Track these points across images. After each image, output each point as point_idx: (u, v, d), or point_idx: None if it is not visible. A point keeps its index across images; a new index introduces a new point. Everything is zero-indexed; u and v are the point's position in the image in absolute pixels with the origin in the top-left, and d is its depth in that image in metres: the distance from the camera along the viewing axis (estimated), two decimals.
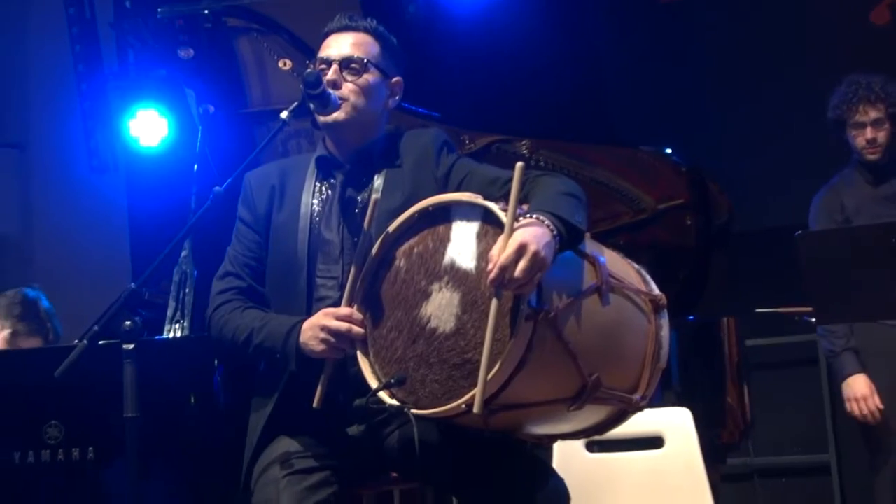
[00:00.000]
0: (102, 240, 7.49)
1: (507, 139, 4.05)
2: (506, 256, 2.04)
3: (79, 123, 7.06)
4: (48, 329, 3.68)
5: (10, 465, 2.76)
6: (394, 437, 2.43)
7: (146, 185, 6.88)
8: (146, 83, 6.23)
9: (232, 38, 3.84)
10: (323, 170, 2.58)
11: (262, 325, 2.42)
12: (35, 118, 7.93)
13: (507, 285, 2.05)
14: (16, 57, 8.03)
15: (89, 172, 7.13)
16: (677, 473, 3.16)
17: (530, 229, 2.09)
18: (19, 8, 8.09)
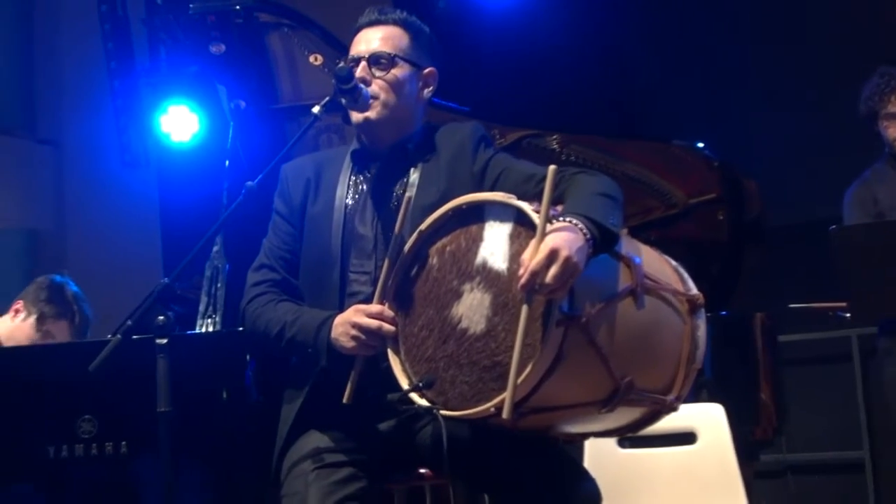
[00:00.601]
0: (134, 235, 7.54)
1: (537, 133, 4.04)
2: (537, 262, 2.02)
3: (111, 120, 7.10)
4: (74, 311, 3.67)
5: (44, 459, 2.77)
6: (425, 432, 2.43)
7: (177, 180, 6.93)
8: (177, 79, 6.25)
9: (263, 33, 3.84)
10: (358, 163, 2.57)
11: (294, 319, 2.42)
12: (68, 115, 7.98)
13: (538, 291, 2.04)
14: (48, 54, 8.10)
15: (121, 168, 7.17)
16: (710, 469, 3.14)
17: (562, 234, 2.07)
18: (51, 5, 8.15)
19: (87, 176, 7.77)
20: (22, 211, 7.87)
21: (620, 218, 2.23)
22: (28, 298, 3.65)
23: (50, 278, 3.72)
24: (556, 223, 2.10)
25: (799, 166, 5.24)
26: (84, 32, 7.41)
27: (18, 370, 2.89)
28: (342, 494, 2.31)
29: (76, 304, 3.69)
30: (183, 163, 6.51)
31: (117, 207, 7.56)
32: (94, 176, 7.68)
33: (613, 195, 2.26)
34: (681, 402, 2.36)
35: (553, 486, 2.28)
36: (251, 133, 3.68)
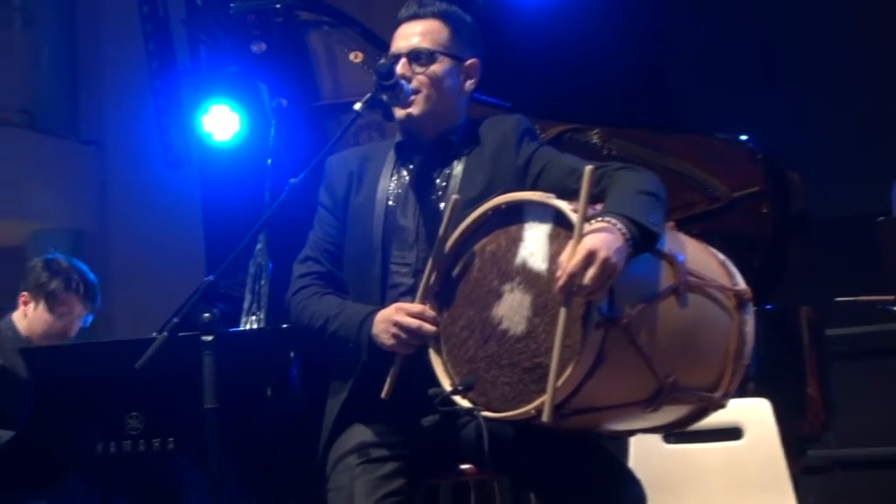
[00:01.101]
0: (177, 233, 7.62)
1: (578, 128, 4.02)
2: (574, 264, 2.01)
3: (153, 120, 7.19)
4: (76, 280, 3.66)
5: (92, 456, 2.81)
6: (469, 428, 2.42)
7: (219, 179, 6.98)
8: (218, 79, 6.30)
9: (303, 31, 3.86)
10: (401, 156, 2.57)
11: (337, 313, 2.44)
12: (110, 116, 8.09)
13: (577, 293, 2.02)
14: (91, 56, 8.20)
15: (163, 168, 7.26)
16: (757, 465, 3.11)
17: (600, 234, 2.04)
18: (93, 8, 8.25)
19: (130, 176, 7.87)
20: (66, 211, 7.98)
21: (662, 216, 2.19)
22: (30, 286, 3.67)
23: (41, 259, 3.73)
24: (594, 223, 2.08)
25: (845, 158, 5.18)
26: (125, 34, 7.50)
27: (67, 368, 2.94)
28: (387, 489, 2.33)
29: (75, 273, 3.69)
30: (224, 162, 6.56)
31: (160, 207, 7.64)
32: (137, 176, 7.78)
33: (655, 192, 2.23)
34: (729, 399, 2.33)
35: (598, 488, 2.27)
36: (292, 131, 3.69)
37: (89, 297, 3.70)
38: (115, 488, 2.85)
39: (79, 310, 3.67)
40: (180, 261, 7.51)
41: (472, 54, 2.58)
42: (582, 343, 2.03)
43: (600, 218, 2.10)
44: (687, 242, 2.35)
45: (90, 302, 3.70)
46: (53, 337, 3.65)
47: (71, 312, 3.65)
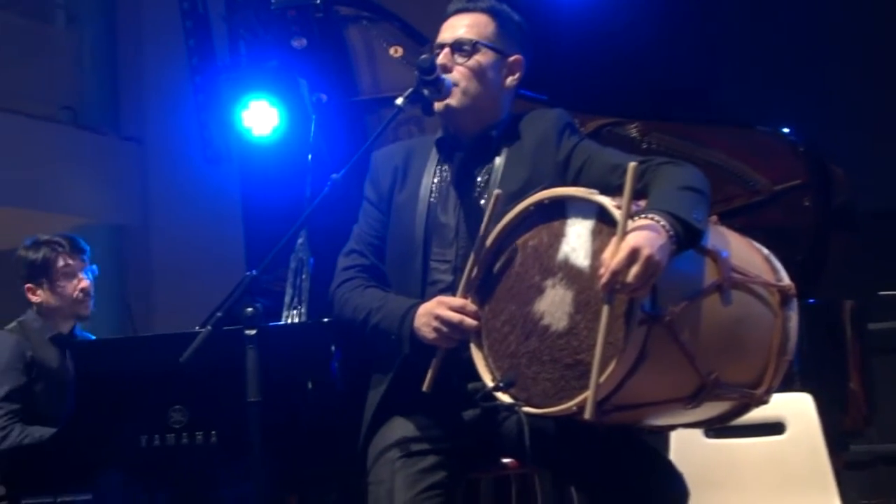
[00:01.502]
0: (217, 228, 7.67)
1: (617, 122, 4.00)
2: (617, 261, 2.00)
3: (193, 116, 7.25)
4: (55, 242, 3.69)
5: (137, 449, 2.84)
6: (510, 422, 2.43)
7: (259, 174, 7.02)
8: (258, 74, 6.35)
9: (342, 26, 3.87)
10: (443, 152, 2.58)
11: (379, 306, 2.45)
12: (151, 112, 8.16)
13: (620, 291, 2.02)
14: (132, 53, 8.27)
15: (203, 163, 7.32)
16: (799, 460, 3.09)
17: (644, 232, 2.03)
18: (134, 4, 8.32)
19: (171, 171, 7.93)
20: (108, 206, 8.06)
21: (706, 212, 2.18)
22: (25, 276, 3.67)
23: (21, 247, 3.74)
24: (637, 220, 2.07)
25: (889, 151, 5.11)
26: (166, 31, 7.56)
27: (112, 362, 2.97)
28: (428, 483, 2.33)
29: (51, 239, 3.69)
30: (264, 157, 6.60)
31: (200, 202, 7.70)
32: (177, 171, 7.84)
33: (699, 188, 2.22)
34: (771, 395, 2.32)
35: (641, 483, 2.26)
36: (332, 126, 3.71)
37: (76, 247, 3.71)
38: (158, 481, 2.88)
39: (77, 263, 3.69)
40: (220, 255, 7.57)
41: (517, 51, 2.57)
42: (625, 340, 2.02)
43: (644, 215, 2.09)
44: (731, 237, 2.34)
45: (80, 251, 3.72)
46: (73, 302, 3.66)
47: (72, 268, 3.67)
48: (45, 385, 3.52)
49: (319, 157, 3.40)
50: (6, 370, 3.47)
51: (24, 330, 3.62)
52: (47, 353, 3.58)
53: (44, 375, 3.53)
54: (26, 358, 3.50)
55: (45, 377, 3.53)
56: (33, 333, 3.61)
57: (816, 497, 3.05)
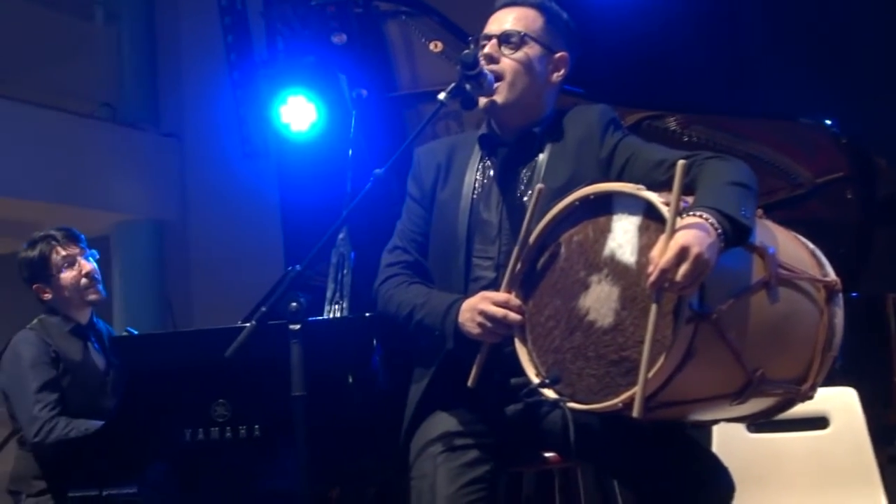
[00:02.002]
0: (255, 222, 7.72)
1: (657, 115, 3.98)
2: (666, 260, 1.99)
3: (231, 111, 7.29)
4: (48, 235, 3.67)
5: (181, 442, 2.86)
6: (553, 416, 2.43)
7: (296, 168, 7.04)
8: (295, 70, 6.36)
9: (380, 22, 3.88)
10: (486, 148, 2.57)
11: (423, 302, 2.46)
12: (190, 108, 8.22)
13: (668, 289, 2.01)
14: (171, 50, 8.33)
15: (242, 158, 7.36)
16: (843, 455, 3.06)
17: (693, 231, 2.02)
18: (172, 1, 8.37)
19: (210, 166, 7.99)
20: (148, 201, 8.13)
21: (754, 208, 2.16)
22: (29, 277, 3.66)
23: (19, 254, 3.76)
24: (686, 218, 2.06)
25: None
26: (204, 27, 7.61)
27: (156, 357, 2.99)
28: (470, 477, 2.33)
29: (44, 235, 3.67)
30: (302, 152, 6.62)
31: (239, 196, 7.75)
32: (216, 166, 7.90)
33: (747, 183, 2.20)
34: (816, 390, 2.31)
35: (686, 477, 2.25)
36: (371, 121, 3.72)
37: (71, 236, 3.70)
38: (202, 474, 2.90)
39: (73, 250, 3.68)
40: (258, 249, 7.62)
41: (564, 48, 2.56)
42: (672, 338, 2.01)
43: (692, 212, 2.08)
44: (777, 233, 2.32)
45: (75, 239, 3.71)
46: (83, 289, 3.66)
47: (71, 256, 3.67)
48: (72, 378, 3.56)
49: (359, 153, 3.41)
50: (34, 365, 3.50)
51: (45, 326, 3.66)
52: (70, 347, 3.61)
53: (70, 369, 3.56)
54: (50, 353, 3.54)
55: (71, 370, 3.56)
56: (53, 329, 3.64)
57: (860, 492, 3.02)
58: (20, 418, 3.46)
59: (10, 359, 3.55)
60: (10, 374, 3.53)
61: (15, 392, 3.50)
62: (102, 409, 3.49)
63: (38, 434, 3.38)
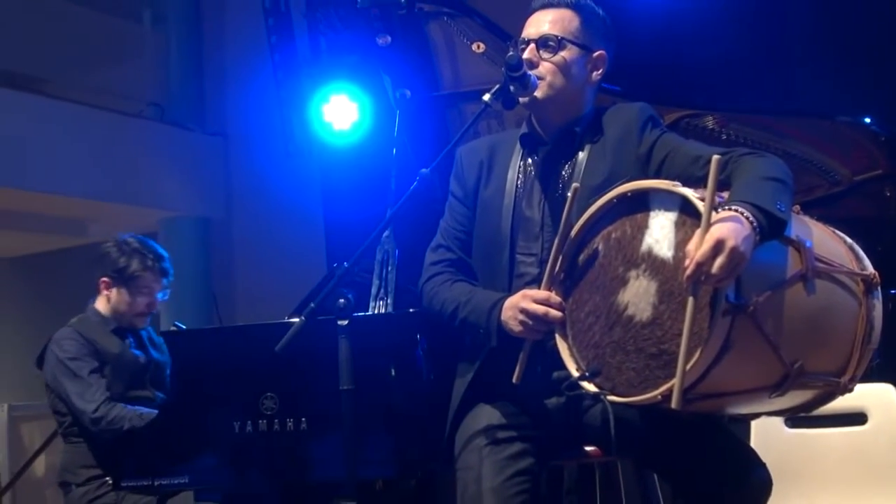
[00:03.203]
0: (298, 220, 7.77)
1: (696, 114, 3.96)
2: (702, 253, 2.00)
3: (275, 111, 7.33)
4: (149, 259, 3.72)
5: (231, 434, 2.90)
6: (594, 410, 2.44)
7: (339, 167, 7.07)
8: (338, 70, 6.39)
9: (423, 23, 3.89)
10: (527, 147, 2.59)
11: (467, 300, 2.48)
12: (235, 108, 8.28)
13: (705, 282, 2.02)
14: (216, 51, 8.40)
15: (285, 157, 7.39)
16: (881, 451, 3.05)
17: (728, 224, 2.03)
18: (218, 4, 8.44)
19: (254, 165, 8.05)
20: (194, 199, 8.21)
21: (790, 202, 2.17)
22: (108, 271, 3.75)
23: (114, 242, 3.79)
24: (721, 212, 2.07)
25: None
26: (249, 28, 7.67)
27: (207, 351, 3.03)
28: (514, 469, 2.35)
29: (149, 252, 3.75)
30: (344, 151, 6.64)
31: (282, 194, 7.80)
32: (260, 165, 7.95)
33: (782, 178, 2.20)
34: (856, 383, 2.31)
35: (725, 471, 2.26)
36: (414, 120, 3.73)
37: (163, 270, 3.79)
38: (251, 465, 2.93)
39: (157, 286, 3.77)
40: (301, 246, 7.66)
41: (602, 46, 2.58)
42: (709, 330, 2.02)
43: (728, 206, 2.09)
44: (813, 227, 2.32)
45: (164, 277, 3.80)
46: (137, 315, 3.76)
47: (151, 289, 3.75)
48: (112, 369, 3.63)
49: (403, 152, 3.43)
50: (78, 357, 3.58)
51: (83, 323, 3.73)
52: (109, 342, 3.67)
53: (109, 361, 3.63)
54: (90, 347, 3.61)
55: (110, 362, 3.63)
56: (92, 326, 3.71)
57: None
58: (75, 403, 3.52)
59: (54, 354, 3.62)
60: (56, 367, 3.60)
61: (64, 381, 3.56)
62: (139, 399, 3.58)
63: (97, 411, 3.45)
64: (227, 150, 8.36)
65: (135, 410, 3.47)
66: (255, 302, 7.64)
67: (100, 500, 3.58)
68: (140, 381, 3.66)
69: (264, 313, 5.74)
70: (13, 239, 8.35)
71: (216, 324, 4.70)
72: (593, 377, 2.22)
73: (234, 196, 8.39)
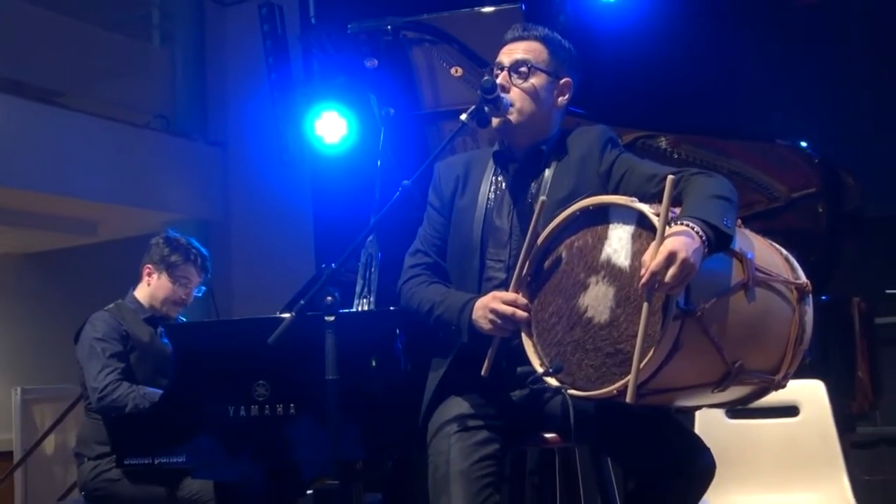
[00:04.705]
0: (290, 224, 7.75)
1: (650, 135, 3.99)
2: (657, 263, 2.01)
3: (271, 125, 7.30)
4: (194, 254, 3.73)
5: (225, 418, 2.88)
6: (554, 402, 2.45)
7: (328, 177, 7.07)
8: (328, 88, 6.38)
9: (406, 48, 3.89)
10: (499, 163, 2.60)
11: (441, 300, 2.48)
12: (234, 121, 8.25)
13: (658, 289, 2.03)
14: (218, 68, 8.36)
15: (280, 167, 7.37)
16: (812, 440, 3.08)
17: (680, 238, 2.04)
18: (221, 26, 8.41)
19: (251, 173, 8.02)
20: (194, 203, 8.16)
21: (734, 219, 2.18)
22: (154, 260, 3.75)
23: (163, 236, 3.81)
24: (674, 226, 2.08)
25: None
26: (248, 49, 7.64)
27: (205, 342, 3.01)
28: (481, 454, 2.35)
29: (193, 247, 3.77)
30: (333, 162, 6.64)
31: (276, 201, 7.78)
32: (257, 173, 7.92)
33: (728, 196, 2.22)
34: (788, 380, 2.32)
35: (674, 455, 2.27)
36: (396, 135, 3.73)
37: (204, 267, 3.78)
38: (243, 446, 2.91)
39: (196, 279, 3.76)
40: (292, 248, 7.65)
41: (568, 74, 2.59)
42: (661, 332, 2.04)
43: (680, 221, 2.10)
44: (754, 240, 2.34)
45: (204, 272, 3.79)
46: (173, 303, 3.74)
47: (190, 281, 3.74)
48: (140, 354, 3.61)
49: (387, 165, 3.43)
50: (104, 338, 3.56)
51: (120, 309, 3.71)
52: (140, 330, 3.66)
53: (137, 346, 3.61)
54: (121, 331, 3.59)
55: (138, 348, 3.61)
56: (128, 313, 3.69)
57: (826, 473, 3.04)
58: (88, 380, 3.50)
59: (86, 333, 3.60)
60: (85, 344, 3.58)
61: (87, 358, 3.54)
62: (162, 386, 3.54)
63: (104, 390, 3.42)
64: (227, 159, 8.33)
65: (139, 390, 3.43)
66: (250, 298, 7.61)
67: (105, 474, 3.55)
68: (165, 370, 3.64)
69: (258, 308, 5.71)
70: (29, 236, 8.27)
71: (213, 317, 4.66)
72: (556, 373, 2.22)
73: (232, 201, 8.35)
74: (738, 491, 2.97)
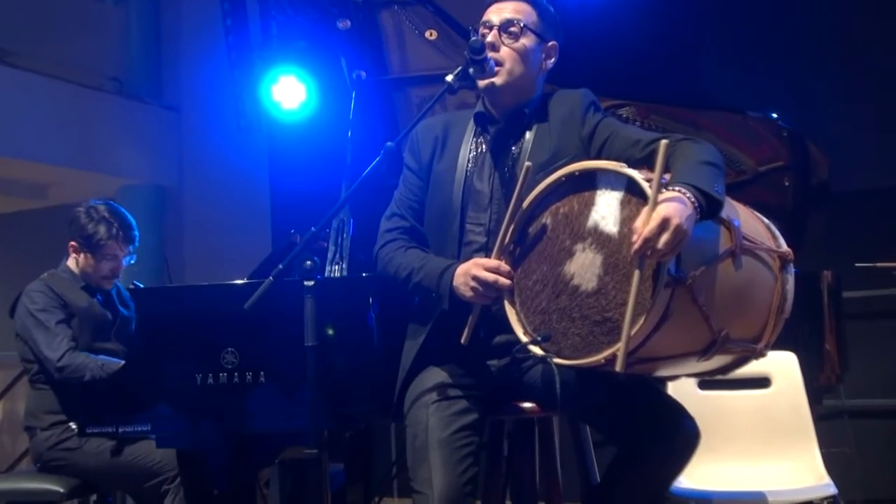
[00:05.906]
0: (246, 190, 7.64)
1: (620, 104, 3.94)
2: (650, 230, 1.97)
3: (228, 89, 7.15)
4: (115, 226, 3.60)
5: (192, 386, 2.80)
6: (534, 371, 2.41)
7: (286, 143, 6.95)
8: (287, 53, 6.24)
9: (375, 11, 3.79)
10: (480, 124, 2.54)
11: (420, 266, 2.42)
12: (190, 84, 8.09)
13: (650, 256, 2.00)
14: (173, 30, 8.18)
15: (236, 132, 7.23)
16: (783, 411, 3.09)
17: (673, 204, 2.01)
18: None
19: (206, 138, 7.88)
20: (149, 168, 8.01)
21: (724, 185, 2.15)
22: (76, 236, 3.64)
23: (83, 209, 3.67)
24: (666, 192, 2.04)
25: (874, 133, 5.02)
26: (205, 11, 7.48)
27: (171, 308, 2.92)
28: (460, 424, 2.32)
29: (115, 219, 3.63)
30: (291, 128, 6.51)
31: (232, 166, 7.66)
32: (212, 138, 7.79)
33: (717, 163, 2.20)
34: (769, 349, 2.31)
35: (659, 422, 2.26)
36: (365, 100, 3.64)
37: (128, 239, 3.67)
38: (211, 415, 2.83)
39: (122, 252, 3.66)
40: (248, 215, 7.54)
41: (553, 37, 2.54)
42: (652, 300, 2.00)
43: (671, 187, 2.06)
44: (739, 208, 2.32)
45: (129, 244, 3.68)
46: (103, 277, 3.66)
47: (115, 256, 3.65)
48: (79, 321, 3.52)
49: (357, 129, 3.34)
50: (47, 308, 3.48)
51: (54, 278, 3.62)
52: (77, 296, 3.58)
53: (76, 313, 3.52)
54: (58, 300, 3.50)
55: (77, 314, 3.53)
56: (62, 282, 3.60)
57: (797, 443, 3.05)
58: (42, 351, 3.40)
59: (24, 305, 3.52)
60: (25, 317, 3.49)
61: (33, 330, 3.45)
62: (104, 350, 3.50)
63: (62, 360, 3.34)
64: (181, 123, 8.17)
65: (97, 360, 3.36)
66: (203, 265, 7.51)
67: (62, 444, 3.45)
68: (105, 334, 3.57)
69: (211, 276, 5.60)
70: None
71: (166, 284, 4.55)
72: (544, 341, 2.18)
73: (186, 166, 8.21)
74: (709, 461, 2.96)
